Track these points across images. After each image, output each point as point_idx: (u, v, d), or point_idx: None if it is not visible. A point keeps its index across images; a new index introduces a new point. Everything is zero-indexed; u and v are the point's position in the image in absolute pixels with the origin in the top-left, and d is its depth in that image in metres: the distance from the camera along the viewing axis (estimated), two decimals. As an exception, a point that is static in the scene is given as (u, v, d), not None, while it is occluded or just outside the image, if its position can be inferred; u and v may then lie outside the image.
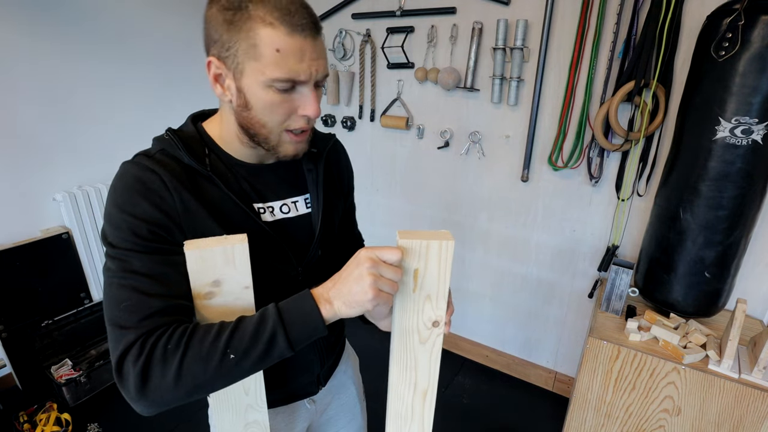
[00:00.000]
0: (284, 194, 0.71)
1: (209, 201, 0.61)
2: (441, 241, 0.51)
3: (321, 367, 0.84)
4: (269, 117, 0.59)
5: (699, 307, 1.32)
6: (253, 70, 0.55)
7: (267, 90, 0.56)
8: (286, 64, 0.54)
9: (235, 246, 0.54)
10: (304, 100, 0.59)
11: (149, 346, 0.51)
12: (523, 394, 2.05)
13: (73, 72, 1.92)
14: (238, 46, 0.55)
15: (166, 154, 0.62)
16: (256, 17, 0.53)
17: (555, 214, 1.80)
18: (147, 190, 0.57)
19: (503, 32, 1.62)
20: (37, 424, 1.73)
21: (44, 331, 1.93)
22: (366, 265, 0.50)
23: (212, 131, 0.67)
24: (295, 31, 0.54)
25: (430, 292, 0.54)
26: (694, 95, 1.20)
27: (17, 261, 1.82)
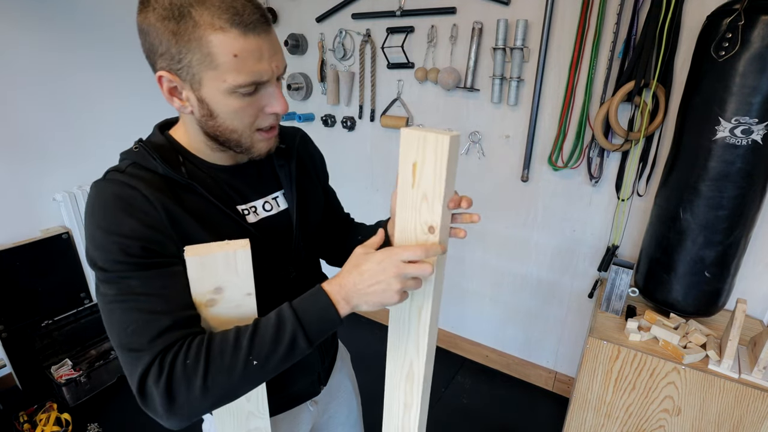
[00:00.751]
0: (265, 191, 0.71)
1: (193, 210, 0.59)
2: (437, 135, 0.48)
3: (321, 365, 0.84)
4: (238, 122, 0.57)
5: (699, 307, 1.32)
6: (212, 79, 0.53)
7: (230, 96, 0.54)
8: (246, 67, 0.52)
9: (237, 251, 0.52)
10: (269, 98, 0.58)
11: (168, 365, 0.50)
12: (523, 394, 2.05)
13: (74, 72, 1.92)
14: (190, 57, 0.51)
15: (139, 167, 0.59)
16: (204, 24, 0.49)
17: (555, 214, 1.80)
18: (129, 207, 0.53)
19: (503, 32, 1.62)
20: (37, 424, 1.73)
21: (44, 331, 1.93)
22: (392, 273, 0.52)
23: (180, 138, 0.65)
24: (248, 31, 0.51)
25: (426, 192, 0.52)
26: (694, 95, 1.20)
27: (17, 261, 1.83)
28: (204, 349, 0.51)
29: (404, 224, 0.56)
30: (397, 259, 0.52)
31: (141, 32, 0.54)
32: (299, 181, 0.74)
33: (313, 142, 0.87)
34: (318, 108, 2.33)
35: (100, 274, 0.53)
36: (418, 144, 0.50)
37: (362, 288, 0.53)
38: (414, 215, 0.54)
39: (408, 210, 0.54)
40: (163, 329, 0.51)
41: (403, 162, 0.52)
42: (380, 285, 0.52)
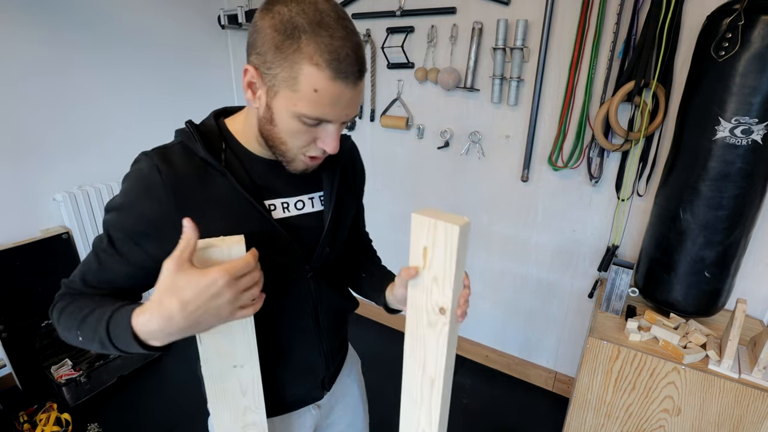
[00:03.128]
0: (300, 190, 0.71)
1: (219, 196, 0.62)
2: (447, 223, 0.49)
3: (326, 371, 0.83)
4: (290, 140, 0.60)
5: (699, 307, 1.32)
6: (287, 98, 0.55)
7: (294, 119, 0.57)
8: (319, 105, 0.55)
9: (231, 248, 0.52)
10: (326, 135, 0.60)
11: (57, 301, 0.65)
12: (523, 394, 2.05)
13: (74, 72, 1.92)
14: (279, 71, 0.54)
15: (184, 146, 0.63)
16: (305, 53, 0.52)
17: (555, 214, 1.80)
18: (147, 191, 0.59)
19: (503, 32, 1.62)
20: (37, 424, 1.73)
21: (44, 331, 1.93)
22: (226, 297, 0.50)
23: (233, 127, 0.67)
24: (338, 78, 0.53)
25: (437, 275, 0.53)
26: (694, 95, 1.20)
27: (17, 261, 1.82)
28: (66, 307, 0.62)
29: (415, 302, 0.57)
30: (231, 277, 0.49)
31: (253, 26, 0.57)
32: (340, 187, 0.75)
33: (359, 154, 0.88)
34: (318, 108, 2.32)
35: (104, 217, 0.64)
36: (428, 230, 0.51)
37: (185, 324, 0.49)
38: (425, 296, 0.55)
39: (419, 290, 0.55)
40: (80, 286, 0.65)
41: (414, 245, 0.53)
42: (209, 313, 0.49)
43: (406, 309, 0.63)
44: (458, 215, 0.51)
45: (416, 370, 0.60)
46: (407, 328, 0.59)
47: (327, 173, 0.73)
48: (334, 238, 0.76)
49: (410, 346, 0.60)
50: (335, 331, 0.84)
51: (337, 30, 0.52)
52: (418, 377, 0.61)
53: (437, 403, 0.60)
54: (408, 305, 0.58)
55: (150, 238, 0.61)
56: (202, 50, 2.42)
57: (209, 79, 2.50)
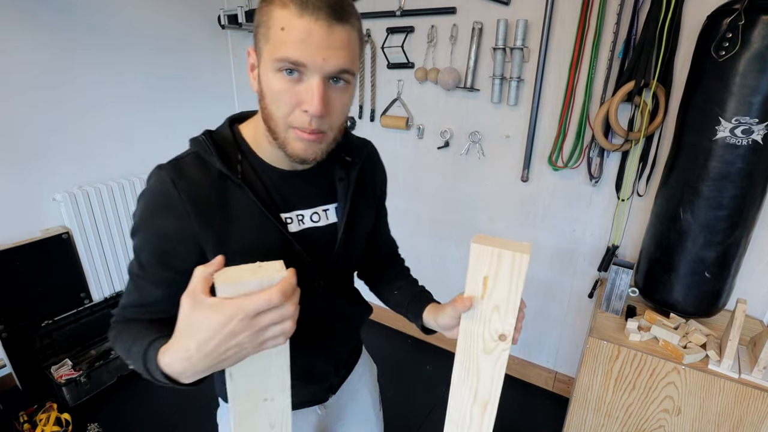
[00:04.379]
0: (316, 202, 0.70)
1: (236, 209, 0.61)
2: (515, 252, 0.48)
3: (335, 377, 0.83)
4: (275, 107, 0.56)
5: (699, 307, 1.32)
6: (266, 53, 0.54)
7: (275, 75, 0.54)
8: (287, 43, 0.51)
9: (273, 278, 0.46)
10: (306, 92, 0.54)
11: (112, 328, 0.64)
12: (523, 394, 2.05)
13: (74, 72, 1.92)
14: (260, 29, 0.54)
15: (199, 157, 0.61)
16: (277, 0, 0.52)
17: (555, 214, 1.80)
18: (166, 208, 0.58)
19: (503, 32, 1.62)
20: (37, 424, 1.73)
21: (44, 331, 1.93)
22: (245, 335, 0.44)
23: (248, 134, 0.65)
24: (305, 11, 0.50)
25: (499, 304, 0.52)
26: (694, 95, 1.20)
27: (17, 261, 1.82)
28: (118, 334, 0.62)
29: (470, 330, 0.56)
30: (246, 315, 0.43)
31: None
32: (355, 198, 0.73)
33: (380, 157, 0.85)
34: (318, 108, 2.32)
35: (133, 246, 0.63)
36: (491, 259, 0.50)
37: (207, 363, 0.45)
38: (482, 324, 0.54)
39: (476, 319, 0.54)
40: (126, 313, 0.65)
41: (474, 274, 0.52)
42: (231, 351, 0.45)
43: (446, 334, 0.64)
44: (517, 241, 0.50)
45: (467, 396, 0.60)
46: (458, 355, 0.58)
47: (343, 184, 0.71)
48: (348, 251, 0.74)
49: (462, 373, 0.59)
50: (347, 338, 0.84)
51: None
52: (468, 402, 0.60)
53: (489, 426, 0.60)
54: (461, 333, 0.57)
55: (175, 256, 0.60)
56: (202, 50, 2.42)
57: (209, 79, 2.50)
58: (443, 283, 2.18)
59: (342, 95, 0.57)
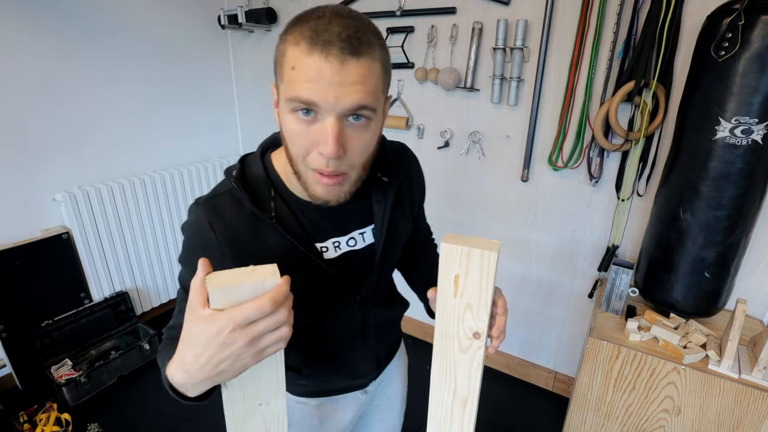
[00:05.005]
0: (352, 227, 0.69)
1: (271, 246, 0.62)
2: (483, 250, 0.48)
3: (377, 372, 0.87)
4: (293, 147, 0.54)
5: (699, 307, 1.32)
6: (281, 92, 0.53)
7: (291, 115, 0.52)
8: (298, 84, 0.49)
9: (265, 282, 0.45)
10: (321, 133, 0.51)
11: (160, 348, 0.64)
12: (523, 394, 2.05)
13: (74, 72, 1.92)
14: (276, 67, 0.53)
15: (234, 195, 0.62)
16: (290, 38, 0.50)
17: (555, 214, 1.80)
18: (203, 249, 0.61)
19: (503, 32, 1.62)
20: (37, 424, 1.73)
21: (44, 331, 1.93)
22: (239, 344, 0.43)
23: (279, 166, 0.65)
24: (314, 49, 0.48)
25: (471, 302, 0.52)
26: (694, 95, 1.20)
27: (17, 261, 1.82)
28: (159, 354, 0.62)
29: (445, 329, 0.56)
30: (237, 325, 0.42)
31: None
32: (393, 216, 0.71)
33: (418, 164, 0.82)
34: (318, 108, 2.33)
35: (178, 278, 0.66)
36: (461, 258, 0.49)
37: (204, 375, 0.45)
38: (456, 323, 0.54)
39: (449, 318, 0.54)
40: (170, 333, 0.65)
41: (444, 274, 0.51)
42: (226, 362, 0.44)
43: None
44: (487, 239, 0.50)
45: (446, 395, 0.60)
46: (435, 354, 0.58)
47: (380, 206, 0.69)
48: (385, 268, 0.75)
49: (439, 372, 0.59)
50: (385, 338, 0.87)
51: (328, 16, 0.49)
52: (448, 401, 0.60)
53: (470, 423, 0.61)
54: (436, 332, 0.57)
55: None
56: (202, 51, 2.42)
57: (210, 79, 2.50)
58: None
59: (362, 133, 0.54)
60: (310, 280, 0.65)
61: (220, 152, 2.65)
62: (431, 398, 0.61)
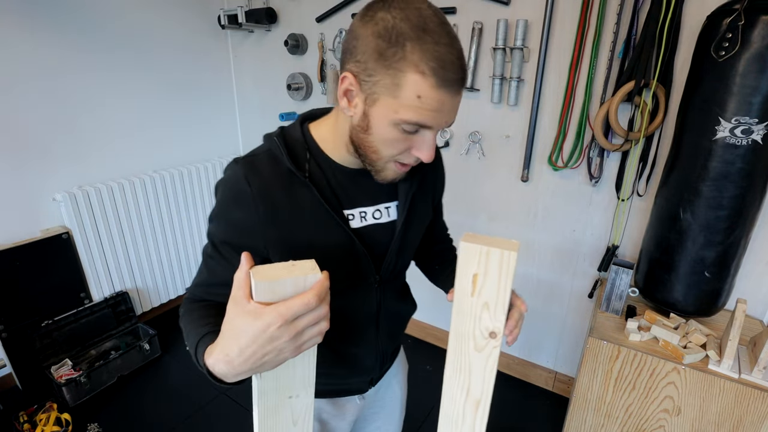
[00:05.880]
0: (380, 199, 0.72)
1: (302, 205, 0.64)
2: (503, 250, 0.49)
3: (379, 371, 0.87)
4: (384, 149, 0.60)
5: (699, 307, 1.32)
6: (387, 106, 0.55)
7: (393, 127, 0.56)
8: (421, 112, 0.54)
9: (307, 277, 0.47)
10: (422, 143, 0.59)
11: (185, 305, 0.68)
12: (523, 394, 2.05)
13: (74, 73, 1.92)
14: (381, 78, 0.53)
15: (271, 154, 0.65)
16: (410, 61, 0.51)
17: (555, 214, 1.80)
18: (237, 202, 0.63)
19: (503, 32, 1.62)
20: (37, 424, 1.73)
21: (44, 331, 1.93)
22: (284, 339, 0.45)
23: (319, 134, 0.68)
24: (443, 85, 0.52)
25: (488, 301, 0.52)
26: (694, 95, 1.20)
27: (17, 261, 1.83)
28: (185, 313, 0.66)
29: (461, 328, 0.56)
30: (285, 321, 0.44)
31: (351, 33, 0.56)
32: (415, 197, 0.75)
33: (441, 157, 0.86)
34: (318, 108, 2.33)
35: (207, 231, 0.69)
36: (479, 258, 0.50)
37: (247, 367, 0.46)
38: (473, 322, 0.55)
39: (466, 316, 0.54)
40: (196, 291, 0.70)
41: (462, 273, 0.52)
42: (270, 355, 0.46)
43: None
44: (506, 239, 0.51)
45: (459, 394, 0.60)
46: (449, 353, 0.58)
47: (404, 183, 0.73)
48: (404, 247, 0.77)
49: (453, 371, 0.59)
50: (393, 335, 0.87)
51: (442, 36, 0.51)
52: (461, 401, 0.60)
53: (482, 424, 0.61)
54: (451, 331, 0.57)
55: (242, 246, 0.62)
56: (202, 50, 2.42)
57: (209, 79, 2.50)
58: (443, 283, 2.18)
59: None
60: (334, 246, 0.67)
61: (220, 152, 2.65)
62: (443, 397, 0.61)
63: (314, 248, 0.65)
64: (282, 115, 2.33)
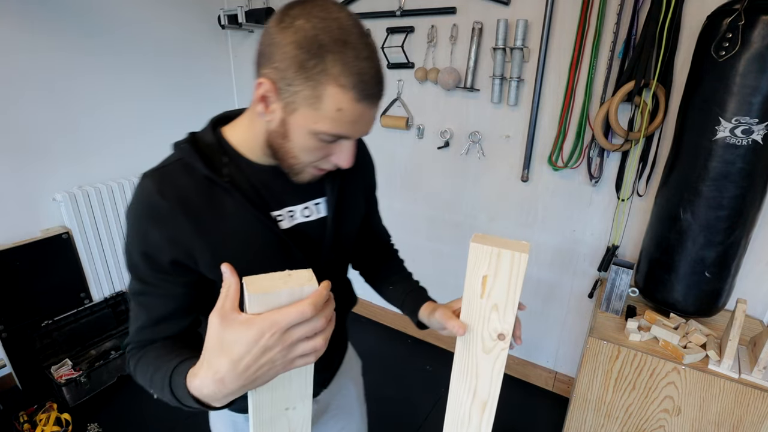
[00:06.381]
0: (306, 197, 0.70)
1: (227, 213, 0.61)
2: (513, 251, 0.49)
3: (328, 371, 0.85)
4: (303, 156, 0.59)
5: (699, 307, 1.32)
6: (307, 116, 0.54)
7: (312, 136, 0.56)
8: (341, 124, 0.54)
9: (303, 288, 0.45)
10: (341, 151, 0.60)
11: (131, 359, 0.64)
12: (523, 394, 2.05)
13: (74, 72, 1.92)
14: (301, 89, 0.52)
15: (184, 163, 0.61)
16: (330, 74, 0.51)
17: (555, 214, 1.80)
18: (156, 218, 0.58)
19: (503, 32, 1.62)
20: (37, 424, 1.73)
21: (44, 331, 1.93)
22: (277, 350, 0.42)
23: (234, 137, 0.65)
24: (363, 99, 0.53)
25: (498, 302, 0.52)
26: (694, 95, 1.20)
27: (17, 261, 1.83)
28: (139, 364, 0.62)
29: (470, 330, 0.56)
30: (279, 329, 0.41)
31: (267, 36, 0.54)
32: (343, 191, 0.74)
33: (367, 149, 0.85)
34: (318, 108, 2.33)
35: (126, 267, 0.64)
36: (490, 259, 0.50)
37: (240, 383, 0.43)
38: (481, 324, 0.54)
39: (474, 318, 0.54)
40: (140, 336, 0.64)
41: (472, 275, 0.52)
42: (263, 368, 0.43)
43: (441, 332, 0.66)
44: (516, 240, 0.51)
45: (466, 395, 0.60)
46: (457, 354, 0.58)
47: (329, 178, 0.71)
48: (338, 243, 0.75)
49: (460, 372, 0.59)
50: (339, 331, 0.84)
51: (362, 50, 0.52)
52: (467, 402, 0.60)
53: (488, 426, 0.61)
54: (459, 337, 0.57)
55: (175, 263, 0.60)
56: (202, 50, 2.42)
57: (209, 79, 2.51)
58: (443, 284, 2.18)
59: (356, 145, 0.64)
60: (265, 251, 0.64)
61: (220, 152, 2.65)
62: (450, 398, 0.61)
63: (246, 255, 0.62)
64: (282, 115, 2.33)
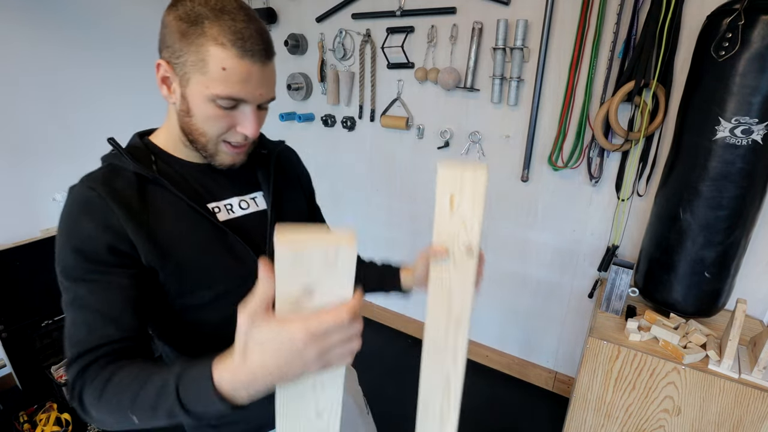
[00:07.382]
0: (242, 191, 0.72)
1: (160, 207, 0.61)
2: (475, 171, 0.55)
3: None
4: (208, 128, 0.61)
5: (699, 307, 1.32)
6: (198, 83, 0.57)
7: (209, 104, 0.58)
8: (230, 83, 0.56)
9: (339, 248, 0.42)
10: (244, 119, 0.61)
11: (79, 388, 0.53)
12: (523, 394, 2.05)
13: (74, 72, 1.92)
14: (187, 57, 0.56)
15: (113, 167, 0.63)
16: (209, 35, 0.55)
17: (555, 214, 1.80)
18: (87, 208, 0.58)
19: (503, 32, 1.62)
20: (37, 424, 1.73)
21: (44, 331, 1.93)
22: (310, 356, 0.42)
23: (159, 140, 0.69)
24: (245, 55, 0.56)
25: (465, 218, 0.57)
26: (694, 95, 1.20)
27: (17, 261, 1.82)
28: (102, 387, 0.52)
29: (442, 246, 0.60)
30: (313, 336, 0.41)
31: (161, 25, 0.59)
32: (278, 183, 0.77)
33: (298, 157, 0.89)
34: (318, 108, 2.33)
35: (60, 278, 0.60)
36: (454, 180, 0.56)
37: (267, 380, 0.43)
38: (452, 240, 0.59)
39: (444, 236, 0.59)
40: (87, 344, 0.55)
41: (441, 194, 0.57)
42: (293, 370, 0.43)
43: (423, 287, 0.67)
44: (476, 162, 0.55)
45: (441, 314, 0.63)
46: (431, 274, 0.62)
47: (262, 171, 0.75)
48: None
49: (435, 291, 0.63)
50: None
51: (239, 14, 0.56)
52: (443, 321, 0.64)
53: (463, 342, 0.64)
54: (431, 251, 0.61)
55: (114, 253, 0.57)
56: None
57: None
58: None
59: (263, 116, 0.66)
60: (208, 242, 0.64)
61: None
62: (427, 320, 0.65)
63: (183, 245, 0.61)
64: (282, 116, 2.33)
